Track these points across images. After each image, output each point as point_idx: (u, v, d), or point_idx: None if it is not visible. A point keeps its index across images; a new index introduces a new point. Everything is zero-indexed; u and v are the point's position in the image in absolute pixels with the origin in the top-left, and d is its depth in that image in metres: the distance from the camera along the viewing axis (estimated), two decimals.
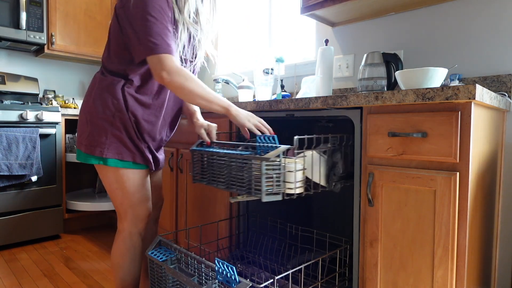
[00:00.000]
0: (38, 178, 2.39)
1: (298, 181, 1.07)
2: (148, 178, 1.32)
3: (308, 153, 1.12)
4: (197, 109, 1.46)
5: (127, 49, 1.19)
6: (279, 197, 1.05)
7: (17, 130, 2.25)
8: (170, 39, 1.13)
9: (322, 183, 1.15)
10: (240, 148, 1.22)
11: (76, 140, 1.27)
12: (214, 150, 1.20)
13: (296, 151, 1.08)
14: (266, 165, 1.01)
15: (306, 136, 1.10)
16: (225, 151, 1.16)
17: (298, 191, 1.07)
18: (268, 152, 1.02)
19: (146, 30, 1.09)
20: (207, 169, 1.24)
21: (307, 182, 1.15)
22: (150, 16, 1.09)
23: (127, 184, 1.25)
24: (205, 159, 1.25)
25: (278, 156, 1.02)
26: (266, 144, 1.05)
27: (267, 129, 1.20)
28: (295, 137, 1.07)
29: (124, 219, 1.29)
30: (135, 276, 1.32)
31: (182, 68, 1.11)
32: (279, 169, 1.03)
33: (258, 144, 1.07)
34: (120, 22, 1.18)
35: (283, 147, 1.02)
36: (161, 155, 1.41)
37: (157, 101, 1.27)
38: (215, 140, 1.36)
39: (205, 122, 1.40)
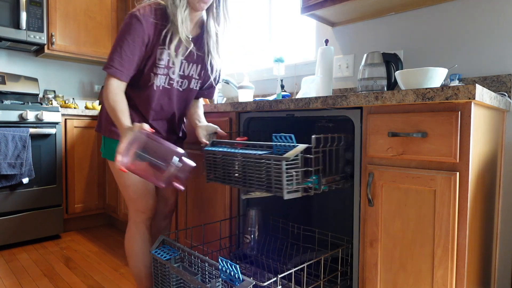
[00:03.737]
0: (29, 180, 2.36)
1: (315, 179, 1.13)
2: None
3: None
4: (199, 111, 1.52)
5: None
6: (298, 194, 1.09)
7: (6, 129, 2.23)
8: (123, 63, 1.23)
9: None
10: (254, 148, 1.25)
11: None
12: (230, 150, 1.23)
13: (314, 150, 1.13)
14: (287, 164, 1.05)
15: (322, 136, 1.15)
16: (241, 151, 1.19)
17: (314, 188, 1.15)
18: (286, 151, 1.07)
19: (113, 50, 1.24)
20: (221, 169, 1.29)
21: None
22: (122, 40, 1.22)
23: (122, 179, 1.38)
24: (219, 159, 1.28)
25: (297, 155, 1.06)
26: (283, 143, 1.09)
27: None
28: (313, 136, 1.12)
29: (129, 208, 1.44)
30: (147, 263, 1.44)
31: (107, 87, 1.23)
32: (298, 167, 1.08)
33: (274, 143, 1.11)
34: None
35: (302, 146, 1.07)
36: None
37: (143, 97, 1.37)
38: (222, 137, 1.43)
39: (205, 124, 1.46)
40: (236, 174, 1.21)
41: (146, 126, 1.13)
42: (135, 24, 1.21)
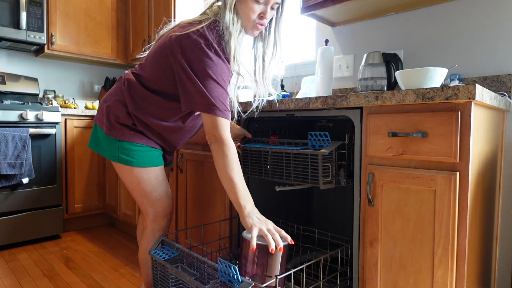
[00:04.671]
0: (29, 180, 2.35)
1: (345, 173, 1.25)
2: (164, 174, 1.36)
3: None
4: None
5: (173, 86, 1.19)
6: (332, 185, 1.20)
7: (6, 129, 2.22)
8: (228, 104, 1.16)
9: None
10: (287, 144, 1.38)
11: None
12: (268, 146, 1.35)
13: (347, 145, 1.23)
14: (323, 158, 1.17)
15: (354, 134, 1.23)
16: (278, 147, 1.32)
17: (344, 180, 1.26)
18: (321, 147, 1.19)
19: (208, 89, 1.10)
20: (256, 164, 1.41)
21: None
22: (213, 78, 1.11)
23: (144, 183, 1.28)
24: (256, 155, 1.40)
25: (332, 150, 1.18)
26: (318, 139, 1.20)
27: (277, 240, 1.03)
28: (347, 134, 1.23)
29: (147, 217, 1.34)
30: None
31: (229, 143, 1.14)
32: (333, 161, 1.20)
33: (310, 140, 1.22)
34: (172, 63, 1.16)
35: (337, 142, 1.19)
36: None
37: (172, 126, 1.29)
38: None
39: (236, 128, 1.49)
40: (274, 168, 1.33)
41: (289, 239, 1.04)
42: (223, 61, 1.13)
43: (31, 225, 2.40)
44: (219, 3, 1.21)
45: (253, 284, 0.93)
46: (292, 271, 1.07)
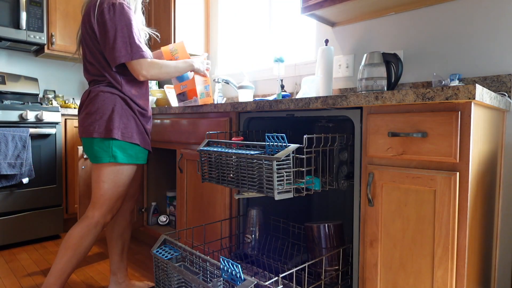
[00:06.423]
0: (29, 180, 2.35)
1: (308, 179, 1.13)
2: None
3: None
4: None
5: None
6: (290, 195, 1.08)
7: (6, 129, 2.22)
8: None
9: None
10: (248, 148, 1.24)
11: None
12: (223, 150, 1.23)
13: (305, 150, 1.12)
14: (277, 164, 1.04)
15: (314, 135, 1.15)
16: (234, 151, 1.19)
17: (307, 188, 1.15)
18: (277, 151, 1.06)
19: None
20: (215, 169, 1.28)
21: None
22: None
23: (122, 176, 1.42)
24: (213, 158, 1.29)
25: (288, 155, 1.06)
26: (276, 144, 1.08)
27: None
28: (305, 136, 1.11)
29: (99, 209, 1.42)
30: (79, 261, 1.40)
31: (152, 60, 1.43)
32: (290, 168, 1.07)
33: (267, 143, 1.10)
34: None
35: (293, 146, 1.06)
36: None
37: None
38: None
39: None
40: (231, 175, 1.21)
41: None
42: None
43: (31, 225, 2.40)
44: None
45: (255, 282, 0.93)
46: (293, 270, 1.07)
